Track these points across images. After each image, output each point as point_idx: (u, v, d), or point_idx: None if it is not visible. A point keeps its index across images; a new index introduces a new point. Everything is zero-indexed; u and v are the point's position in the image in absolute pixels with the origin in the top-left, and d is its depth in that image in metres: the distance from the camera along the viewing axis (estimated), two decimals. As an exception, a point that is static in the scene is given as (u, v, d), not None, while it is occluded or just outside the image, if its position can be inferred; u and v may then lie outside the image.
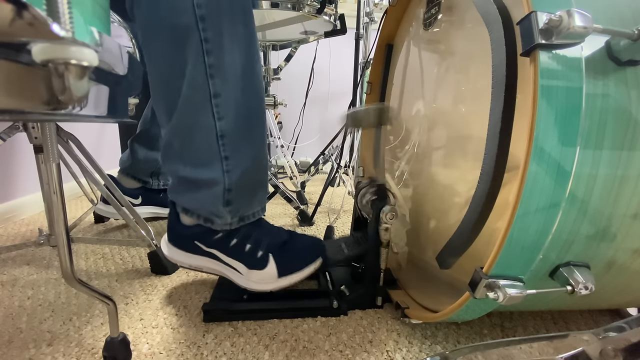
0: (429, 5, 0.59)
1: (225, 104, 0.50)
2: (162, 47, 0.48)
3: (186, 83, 0.48)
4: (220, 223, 0.55)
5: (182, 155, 0.53)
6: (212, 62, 0.47)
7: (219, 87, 0.48)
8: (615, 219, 0.36)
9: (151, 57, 0.50)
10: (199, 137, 0.51)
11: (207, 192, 0.53)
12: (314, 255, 0.60)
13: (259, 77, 0.53)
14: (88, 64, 0.21)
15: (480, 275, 0.36)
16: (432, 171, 0.58)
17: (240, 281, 0.57)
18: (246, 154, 0.54)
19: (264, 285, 0.57)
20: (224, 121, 0.50)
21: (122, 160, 0.98)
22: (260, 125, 0.56)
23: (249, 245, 0.56)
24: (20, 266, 0.71)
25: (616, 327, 0.34)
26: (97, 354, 0.46)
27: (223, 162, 0.52)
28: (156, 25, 0.47)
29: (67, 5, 0.19)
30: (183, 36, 0.46)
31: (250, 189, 0.56)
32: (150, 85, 0.52)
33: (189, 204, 0.56)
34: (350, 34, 1.19)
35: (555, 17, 0.31)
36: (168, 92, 0.50)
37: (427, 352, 0.49)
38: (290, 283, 0.57)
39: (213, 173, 0.52)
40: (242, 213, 0.56)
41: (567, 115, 0.32)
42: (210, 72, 0.47)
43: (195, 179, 0.53)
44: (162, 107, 0.52)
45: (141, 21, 0.48)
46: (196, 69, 0.47)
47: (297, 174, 1.29)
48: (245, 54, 0.50)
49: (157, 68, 0.50)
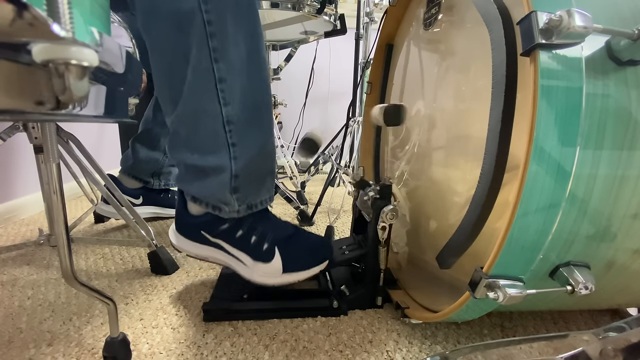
0: (429, 5, 0.59)
1: (231, 90, 0.49)
2: (165, 33, 0.47)
3: (191, 69, 0.47)
4: (227, 211, 0.54)
5: (188, 143, 0.53)
6: (216, 46, 0.46)
7: (224, 72, 0.48)
8: (615, 219, 0.36)
9: (153, 45, 0.49)
10: (205, 124, 0.50)
11: (215, 179, 0.53)
12: (321, 256, 0.59)
13: (264, 61, 0.53)
14: (88, 64, 0.21)
15: (480, 275, 0.36)
16: (432, 171, 0.58)
17: (245, 273, 0.57)
18: (253, 140, 0.53)
19: (268, 279, 0.56)
20: (230, 107, 0.49)
21: (124, 160, 0.98)
22: (266, 111, 0.55)
23: (254, 237, 0.56)
24: (20, 266, 0.71)
25: (616, 327, 0.34)
26: (97, 354, 0.46)
27: (230, 148, 0.51)
28: (158, 11, 0.46)
29: (67, 6, 0.19)
30: (186, 20, 0.45)
31: (257, 176, 0.56)
32: (154, 74, 0.51)
33: (197, 192, 0.55)
34: (350, 34, 1.19)
35: (556, 17, 0.31)
36: (172, 79, 0.49)
37: (427, 352, 0.49)
38: (294, 280, 0.57)
39: (220, 160, 0.52)
40: (250, 201, 0.56)
41: (567, 115, 0.32)
42: (215, 56, 0.47)
43: (203, 166, 0.53)
44: (167, 95, 0.52)
45: (142, 8, 0.47)
46: (200, 54, 0.46)
47: (297, 174, 1.29)
48: (250, 37, 0.49)
49: (161, 55, 0.49)
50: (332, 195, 1.36)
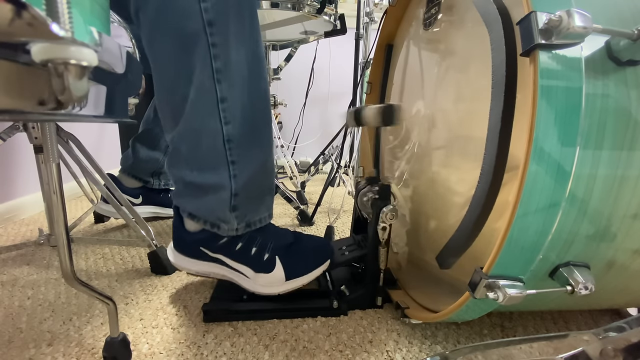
0: (429, 5, 0.59)
1: (232, 109, 0.50)
2: (169, 52, 0.48)
3: (193, 88, 0.48)
4: (226, 228, 0.54)
5: (188, 160, 0.53)
6: (219, 67, 0.47)
7: (225, 91, 0.49)
8: (615, 219, 0.36)
9: (157, 62, 0.49)
10: (206, 142, 0.51)
11: (214, 197, 0.53)
12: (322, 257, 0.59)
13: (265, 81, 0.53)
14: (87, 64, 0.21)
15: (480, 275, 0.36)
16: (432, 171, 0.58)
17: (248, 285, 0.57)
18: (253, 158, 0.54)
19: (272, 289, 0.56)
20: (230, 125, 0.50)
21: (124, 159, 0.98)
22: (266, 129, 0.55)
23: (254, 249, 0.56)
24: (20, 266, 0.71)
25: (616, 327, 0.34)
26: (97, 354, 0.46)
27: (230, 166, 0.52)
28: (163, 31, 0.47)
29: (66, 5, 0.19)
30: (191, 41, 0.46)
31: (257, 194, 0.56)
32: (156, 90, 0.52)
33: (195, 210, 0.55)
34: (350, 34, 1.19)
35: (555, 17, 0.31)
36: (174, 96, 0.50)
37: (427, 352, 0.49)
38: (297, 286, 0.57)
39: (220, 178, 0.52)
40: (249, 219, 0.56)
41: (567, 115, 0.32)
42: (218, 77, 0.48)
43: (202, 183, 0.53)
44: (168, 112, 0.52)
45: (147, 26, 0.48)
46: (203, 74, 0.47)
47: (297, 174, 1.29)
48: (251, 57, 0.50)
49: (164, 73, 0.50)
50: (332, 195, 1.36)
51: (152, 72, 0.50)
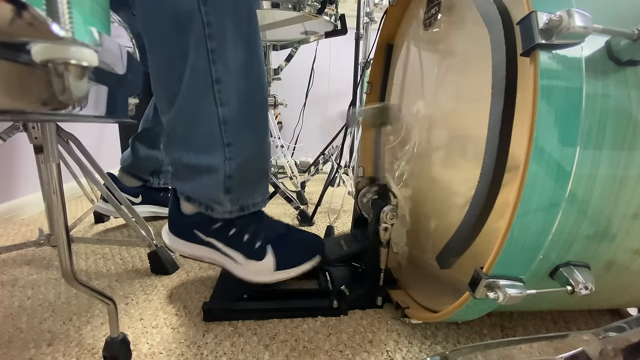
0: (429, 5, 0.59)
1: (228, 91, 0.50)
2: (164, 33, 0.48)
3: (188, 69, 0.48)
4: (220, 211, 0.55)
5: (184, 142, 0.54)
6: (214, 47, 0.47)
7: (221, 73, 0.48)
8: (615, 219, 0.36)
9: (153, 43, 0.49)
10: (201, 123, 0.51)
11: (208, 178, 0.53)
12: (313, 252, 0.60)
13: (261, 64, 0.53)
14: (88, 64, 0.21)
15: (481, 275, 0.36)
16: (432, 171, 0.58)
17: (238, 271, 0.57)
18: (248, 141, 0.54)
19: (260, 277, 0.57)
20: (226, 107, 0.50)
21: (123, 158, 0.98)
22: (262, 113, 0.55)
23: (247, 236, 0.56)
24: (20, 266, 0.71)
25: (616, 327, 0.34)
26: (97, 354, 0.46)
27: (225, 148, 0.52)
28: (158, 11, 0.47)
29: (66, 5, 0.19)
30: (185, 21, 0.46)
31: (251, 178, 0.56)
32: (151, 73, 0.52)
33: (191, 191, 0.56)
34: (350, 34, 1.19)
35: (555, 17, 0.31)
36: (170, 78, 0.50)
37: (427, 352, 0.49)
38: (286, 277, 0.57)
39: (214, 159, 0.52)
40: (243, 202, 0.56)
41: (567, 116, 0.32)
42: (213, 57, 0.47)
43: (197, 164, 0.53)
44: (164, 94, 0.52)
45: (143, 8, 0.48)
46: (198, 54, 0.47)
47: (297, 174, 1.29)
48: (248, 40, 0.50)
49: (159, 54, 0.50)
50: (332, 195, 1.35)
51: (148, 54, 0.50)
